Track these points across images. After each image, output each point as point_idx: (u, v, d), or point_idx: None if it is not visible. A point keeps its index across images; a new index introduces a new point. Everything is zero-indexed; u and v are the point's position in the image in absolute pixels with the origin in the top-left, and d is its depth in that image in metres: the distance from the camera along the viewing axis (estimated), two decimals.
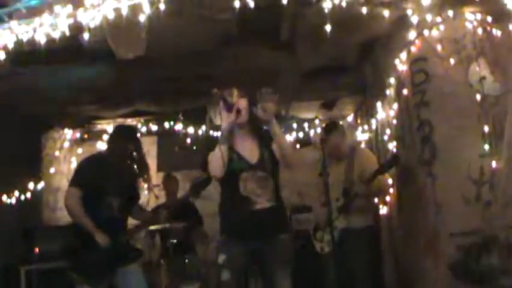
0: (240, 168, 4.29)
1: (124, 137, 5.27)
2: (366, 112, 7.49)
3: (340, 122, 7.98)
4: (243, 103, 4.37)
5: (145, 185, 5.37)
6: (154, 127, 8.55)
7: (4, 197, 6.61)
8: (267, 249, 4.27)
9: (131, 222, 5.42)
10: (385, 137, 6.04)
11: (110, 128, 8.55)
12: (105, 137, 8.68)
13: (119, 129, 5.72)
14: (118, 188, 5.03)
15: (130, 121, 8.39)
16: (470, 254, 4.63)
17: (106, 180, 4.97)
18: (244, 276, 4.50)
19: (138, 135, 5.62)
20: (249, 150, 4.37)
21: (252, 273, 5.40)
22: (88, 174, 5.02)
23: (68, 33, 4.34)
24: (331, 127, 5.95)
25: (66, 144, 8.73)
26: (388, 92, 5.71)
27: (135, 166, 5.26)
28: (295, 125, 8.91)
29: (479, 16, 4.90)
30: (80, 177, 5.04)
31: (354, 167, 5.74)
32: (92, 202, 4.91)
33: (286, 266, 4.35)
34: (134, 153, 5.24)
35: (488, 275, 4.55)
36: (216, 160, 4.21)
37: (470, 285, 4.61)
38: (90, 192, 4.92)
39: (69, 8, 4.26)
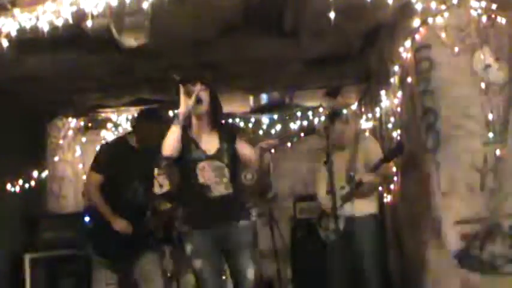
0: (198, 158, 4.40)
1: (148, 120, 5.23)
2: (370, 100, 7.48)
3: (344, 111, 7.98)
4: (204, 94, 4.43)
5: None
6: None
7: (8, 186, 6.62)
8: (228, 235, 4.41)
9: None
10: (390, 125, 6.03)
11: (113, 117, 8.57)
12: (109, 125, 8.74)
13: (143, 112, 5.69)
14: (142, 172, 5.03)
15: (134, 109, 8.39)
16: (475, 242, 4.63)
17: (129, 166, 4.96)
18: (219, 260, 4.51)
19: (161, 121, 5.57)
20: (206, 141, 4.48)
21: None
22: (108, 160, 5.01)
23: (71, 20, 4.34)
24: (334, 116, 5.95)
25: (70, 133, 8.74)
26: (392, 80, 5.69)
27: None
28: (299, 113, 8.92)
29: (483, 4, 4.85)
30: (99, 163, 5.03)
31: (358, 155, 5.74)
32: (117, 187, 4.90)
33: (248, 249, 4.47)
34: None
35: (493, 263, 4.56)
36: (172, 139, 4.29)
37: (474, 273, 4.62)
38: (114, 178, 4.91)
39: None
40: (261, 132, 8.97)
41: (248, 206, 5.11)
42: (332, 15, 4.40)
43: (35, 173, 7.13)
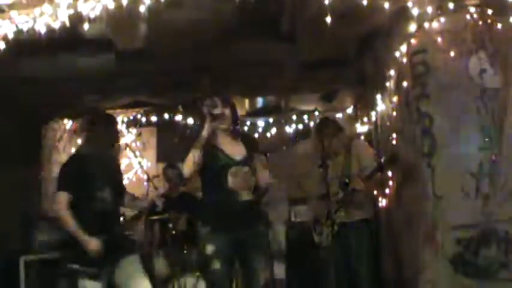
0: (227, 164, 4.63)
1: (102, 127, 5.22)
2: (365, 104, 7.48)
3: (337, 115, 8.00)
4: (226, 111, 4.73)
5: (145, 176, 5.37)
6: (154, 118, 8.57)
7: (4, 187, 6.60)
8: (248, 239, 4.62)
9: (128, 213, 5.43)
10: (385, 130, 6.04)
11: None
12: None
13: (96, 119, 5.54)
14: (107, 180, 5.02)
15: (130, 112, 8.39)
16: (469, 247, 4.64)
17: (94, 176, 4.95)
18: (232, 264, 4.71)
19: (117, 124, 5.55)
20: (232, 149, 4.72)
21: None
22: (73, 175, 4.98)
23: (68, 23, 4.35)
24: (321, 124, 5.98)
25: (66, 135, 8.72)
26: (388, 84, 5.70)
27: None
28: (294, 117, 8.91)
29: (479, 9, 4.88)
30: (65, 181, 5.00)
31: (351, 161, 5.75)
32: (85, 198, 4.90)
33: (264, 254, 4.84)
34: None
35: (487, 268, 4.57)
36: (191, 163, 4.55)
37: (469, 278, 4.62)
38: (80, 190, 4.90)
39: None
40: (256, 135, 8.95)
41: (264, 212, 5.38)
42: (328, 19, 4.41)
43: (31, 175, 7.11)
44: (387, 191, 5.96)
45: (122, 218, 5.33)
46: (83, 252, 4.80)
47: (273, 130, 9.01)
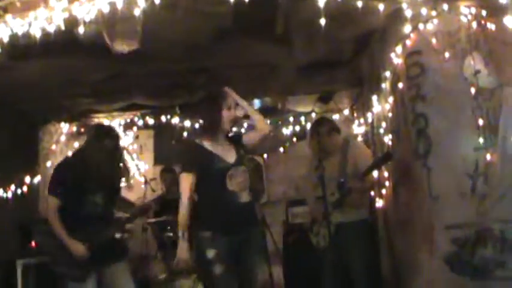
0: (224, 167, 4.62)
1: (100, 134, 5.21)
2: (362, 105, 7.50)
3: (333, 116, 8.01)
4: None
5: (142, 179, 5.37)
6: (151, 121, 8.57)
7: (0, 191, 6.60)
8: (247, 240, 4.62)
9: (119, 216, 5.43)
10: (381, 130, 6.05)
11: (106, 122, 8.56)
12: None
13: (95, 128, 5.69)
14: (100, 184, 5.02)
15: (126, 115, 8.40)
16: (465, 247, 4.65)
17: (86, 180, 4.95)
18: (235, 265, 4.62)
19: (118, 133, 5.55)
20: (225, 153, 4.71)
21: None
22: (65, 179, 4.99)
23: (63, 27, 4.36)
24: (317, 124, 5.99)
25: (63, 138, 8.72)
26: (383, 85, 5.71)
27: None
28: (291, 119, 8.93)
29: (473, 10, 4.90)
30: (56, 185, 5.00)
31: (347, 161, 5.76)
32: (75, 202, 4.91)
33: (262, 254, 4.99)
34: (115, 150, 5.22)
35: (483, 267, 4.58)
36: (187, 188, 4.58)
37: (465, 278, 4.63)
38: (72, 193, 4.91)
39: (64, 1, 4.28)
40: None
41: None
42: (323, 21, 4.42)
43: (27, 179, 7.12)
44: (384, 191, 5.98)
45: (117, 221, 5.30)
46: (69, 255, 4.81)
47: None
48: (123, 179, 5.35)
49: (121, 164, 5.27)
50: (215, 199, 4.62)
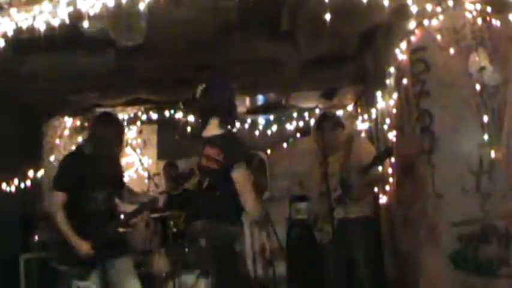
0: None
1: (103, 126, 5.21)
2: (366, 102, 7.49)
3: (337, 112, 8.00)
4: None
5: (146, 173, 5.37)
6: (154, 115, 8.57)
7: (4, 185, 6.60)
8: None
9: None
10: (385, 127, 6.05)
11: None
12: None
13: (97, 118, 5.59)
14: (101, 180, 5.01)
15: (130, 109, 8.40)
16: (469, 244, 4.64)
17: (88, 176, 4.94)
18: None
19: (121, 124, 5.57)
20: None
21: None
22: (70, 174, 4.98)
23: (67, 21, 4.35)
24: (321, 119, 5.97)
25: (67, 133, 8.72)
26: (388, 81, 5.70)
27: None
28: (295, 114, 8.92)
29: (478, 6, 4.87)
30: (62, 180, 5.00)
31: (351, 157, 5.75)
32: (77, 197, 4.90)
33: None
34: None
35: (487, 264, 4.57)
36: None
37: (469, 275, 4.63)
38: (73, 189, 4.90)
39: None
40: (257, 133, 8.96)
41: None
42: (328, 17, 4.41)
43: (31, 173, 7.11)
44: (387, 188, 5.97)
45: (121, 216, 5.29)
46: (72, 252, 4.80)
47: (274, 127, 9.00)
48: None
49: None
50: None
